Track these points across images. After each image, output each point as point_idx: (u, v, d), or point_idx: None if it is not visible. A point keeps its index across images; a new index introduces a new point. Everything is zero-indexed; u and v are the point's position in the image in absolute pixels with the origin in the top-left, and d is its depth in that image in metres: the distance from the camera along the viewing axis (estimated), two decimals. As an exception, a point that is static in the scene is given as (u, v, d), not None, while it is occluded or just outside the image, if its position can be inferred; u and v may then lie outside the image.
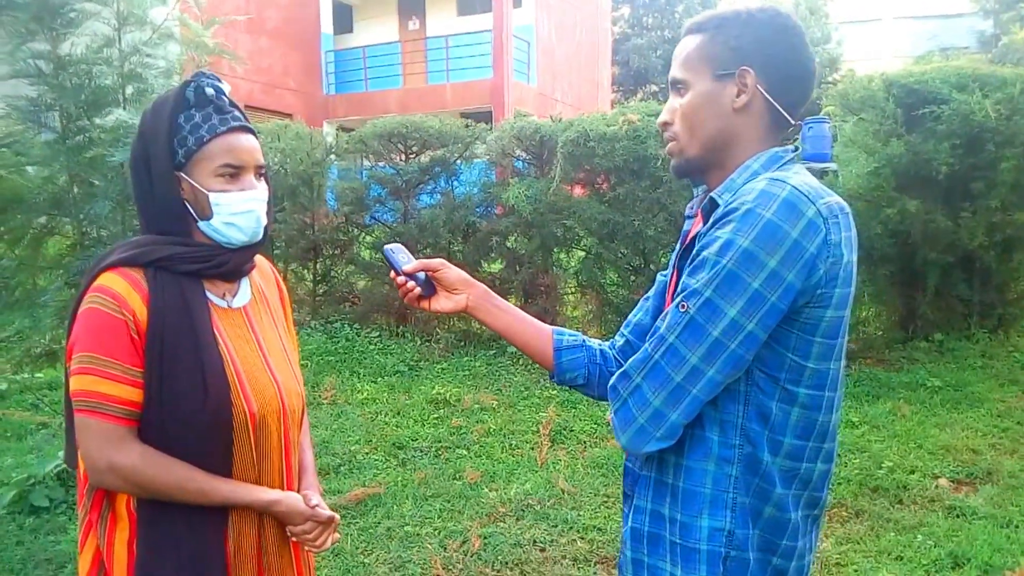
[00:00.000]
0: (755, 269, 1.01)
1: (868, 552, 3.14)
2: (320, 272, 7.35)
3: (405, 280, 1.33)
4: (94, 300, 1.24)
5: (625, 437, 1.11)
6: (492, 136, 6.69)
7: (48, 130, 3.62)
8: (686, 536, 1.11)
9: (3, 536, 3.39)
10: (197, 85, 1.31)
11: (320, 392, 5.37)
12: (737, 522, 1.09)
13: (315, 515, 1.37)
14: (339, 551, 3.20)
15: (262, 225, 1.36)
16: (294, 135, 7.05)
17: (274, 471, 1.36)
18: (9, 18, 3.30)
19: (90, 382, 1.22)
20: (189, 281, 1.31)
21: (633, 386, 1.10)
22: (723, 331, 1.03)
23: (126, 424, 1.24)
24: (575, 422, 4.67)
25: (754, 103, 1.15)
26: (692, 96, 1.17)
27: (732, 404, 1.09)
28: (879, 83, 5.61)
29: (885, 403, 4.75)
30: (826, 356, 1.08)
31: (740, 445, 1.09)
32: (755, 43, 1.14)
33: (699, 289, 1.04)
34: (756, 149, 1.16)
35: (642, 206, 5.83)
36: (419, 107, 13.62)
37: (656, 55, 26.81)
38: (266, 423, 1.34)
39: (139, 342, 1.24)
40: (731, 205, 1.06)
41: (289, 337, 1.51)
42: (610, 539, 3.26)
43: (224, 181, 1.30)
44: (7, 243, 3.57)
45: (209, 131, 1.29)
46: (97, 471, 1.24)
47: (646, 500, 1.17)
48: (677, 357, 1.06)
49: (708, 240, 1.06)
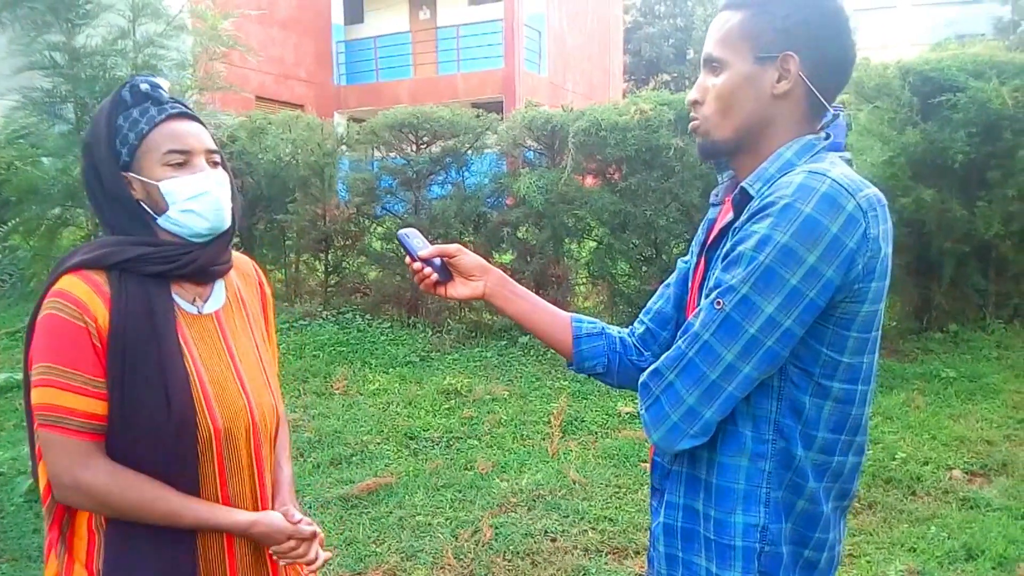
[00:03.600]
0: (794, 265, 0.99)
1: (881, 543, 3.13)
2: (331, 263, 7.36)
3: (421, 266, 1.29)
4: (53, 306, 1.17)
5: (657, 434, 1.09)
6: (503, 126, 6.67)
7: (63, 121, 3.65)
8: (720, 532, 1.10)
9: (20, 524, 3.44)
10: (132, 85, 1.26)
11: (332, 382, 5.40)
12: (771, 517, 1.08)
13: (297, 532, 1.28)
14: (351, 540, 3.22)
15: (225, 210, 1.28)
16: (305, 126, 7.06)
17: (245, 490, 1.29)
18: (26, 10, 3.32)
19: (52, 395, 1.15)
20: (156, 285, 1.23)
21: (666, 383, 1.08)
22: (760, 328, 1.01)
23: (91, 439, 1.17)
24: (586, 413, 4.68)
25: (794, 90, 1.10)
26: (728, 77, 1.12)
27: (765, 399, 1.07)
28: (894, 71, 5.55)
29: (899, 394, 4.72)
30: (860, 350, 1.07)
31: (773, 440, 1.08)
32: (801, 26, 1.08)
33: (735, 286, 1.02)
34: (789, 136, 1.12)
35: (654, 196, 5.81)
36: (430, 97, 13.60)
37: (668, 44, 26.64)
38: (233, 439, 1.26)
39: (101, 351, 1.17)
40: (768, 199, 1.03)
41: (267, 345, 1.42)
42: (621, 530, 3.26)
43: (172, 169, 1.24)
44: (22, 234, 3.61)
45: (148, 123, 1.24)
46: (62, 487, 1.18)
47: (678, 495, 1.16)
48: (712, 354, 1.04)
49: (744, 235, 1.04)
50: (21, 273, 3.57)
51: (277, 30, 15.85)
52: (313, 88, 17.14)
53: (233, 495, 1.27)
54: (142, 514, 1.18)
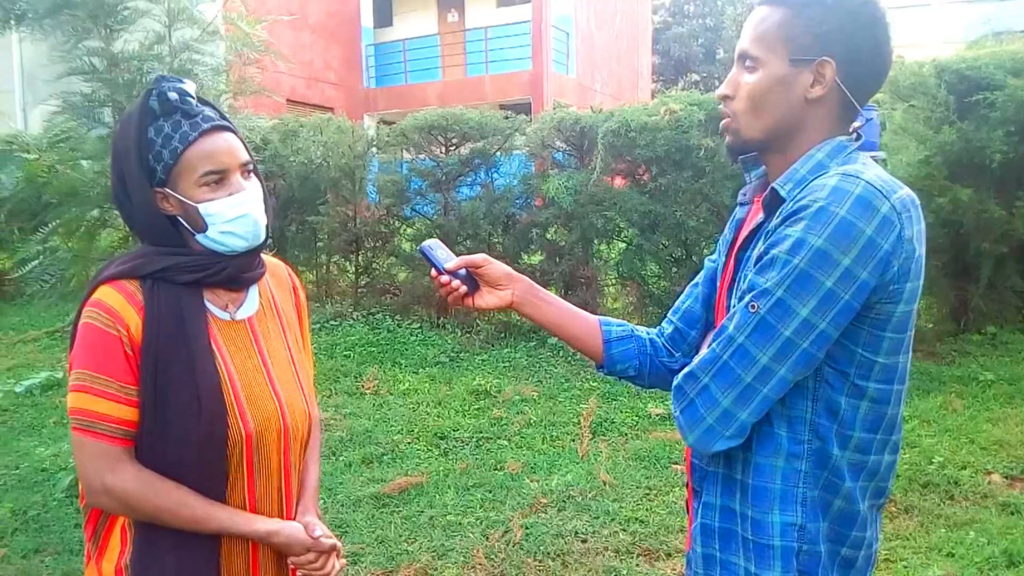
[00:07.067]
0: (829, 268, 0.99)
1: (918, 549, 3.08)
2: (362, 264, 7.43)
3: (449, 279, 1.27)
4: (89, 315, 1.21)
5: (693, 436, 1.09)
6: (532, 127, 6.68)
7: (101, 125, 3.72)
8: (758, 532, 1.10)
9: (62, 519, 3.52)
10: (160, 92, 1.24)
11: (363, 382, 5.45)
12: (808, 516, 1.08)
13: (317, 545, 1.30)
14: (383, 538, 3.25)
15: (261, 226, 1.30)
16: (336, 128, 7.13)
17: (273, 495, 1.31)
18: (67, 16, 3.39)
19: (86, 400, 1.19)
20: (188, 293, 1.26)
21: (701, 386, 1.08)
22: (795, 331, 1.01)
23: (121, 444, 1.20)
24: (616, 414, 4.66)
25: (829, 94, 1.10)
26: (762, 77, 1.11)
27: (800, 400, 1.08)
28: (930, 69, 5.45)
29: (936, 397, 4.64)
30: (895, 350, 1.07)
31: (809, 440, 1.08)
32: (839, 32, 1.08)
33: (769, 289, 1.02)
34: (820, 138, 1.12)
35: (684, 197, 5.77)
36: (458, 99, 13.66)
37: (697, 44, 26.46)
38: (264, 443, 1.28)
39: (134, 358, 1.20)
40: (801, 202, 1.03)
41: (301, 349, 1.43)
42: (652, 531, 3.25)
43: (210, 189, 1.24)
44: (62, 235, 3.69)
45: (181, 140, 1.23)
46: (92, 491, 1.21)
47: (715, 496, 1.16)
48: (747, 357, 1.04)
49: (777, 238, 1.04)
50: (61, 274, 3.64)
51: (308, 34, 16.03)
52: (343, 91, 17.31)
53: (260, 499, 1.29)
54: (167, 519, 1.21)
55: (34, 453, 4.36)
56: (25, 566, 3.11)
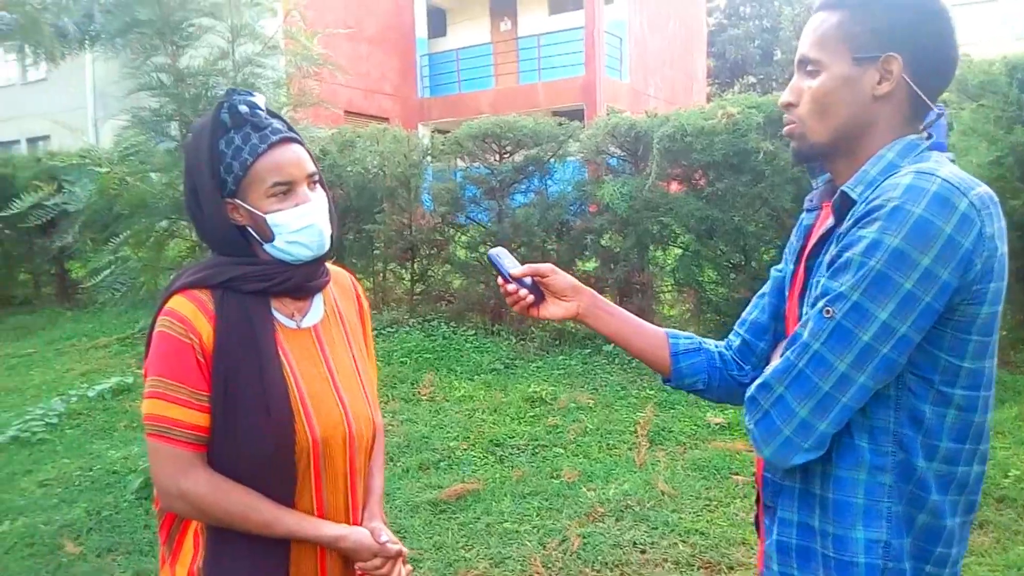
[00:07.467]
0: (907, 269, 0.96)
1: (995, 566, 2.94)
2: (417, 271, 7.51)
3: (516, 287, 1.28)
4: (163, 323, 1.24)
5: (769, 450, 1.06)
6: (586, 133, 6.65)
7: (168, 139, 3.85)
8: (841, 549, 1.06)
9: (132, 520, 3.63)
10: (230, 105, 1.27)
11: (419, 389, 5.49)
12: (893, 532, 1.04)
13: (384, 551, 1.30)
14: (441, 544, 3.26)
15: (326, 236, 1.32)
16: (392, 138, 7.23)
17: (339, 500, 1.32)
18: (136, 35, 3.53)
19: (160, 407, 1.22)
20: (256, 301, 1.29)
21: (775, 397, 1.05)
22: (874, 335, 0.98)
23: (193, 449, 1.23)
24: (674, 423, 4.59)
25: (896, 91, 1.07)
26: (826, 79, 1.09)
27: (882, 409, 1.03)
28: (1000, 67, 5.24)
29: (1011, 408, 4.44)
30: (981, 354, 1.02)
31: (893, 452, 1.04)
32: (902, 27, 1.06)
33: (845, 292, 0.99)
34: (890, 138, 1.09)
35: (742, 201, 5.66)
36: (511, 107, 13.70)
37: (754, 45, 26.06)
38: (330, 449, 1.30)
39: (205, 365, 1.23)
40: (874, 202, 1.00)
41: (364, 357, 1.45)
42: (713, 544, 3.18)
43: (277, 200, 1.27)
44: (133, 245, 3.82)
45: (251, 153, 1.26)
46: (167, 495, 1.24)
47: (792, 512, 1.12)
48: (824, 365, 1.01)
49: (851, 240, 1.01)
50: (131, 282, 3.77)
51: (365, 46, 16.31)
52: (398, 101, 17.56)
53: (327, 505, 1.31)
54: (237, 522, 1.23)
55: (106, 455, 4.52)
56: (99, 564, 3.22)
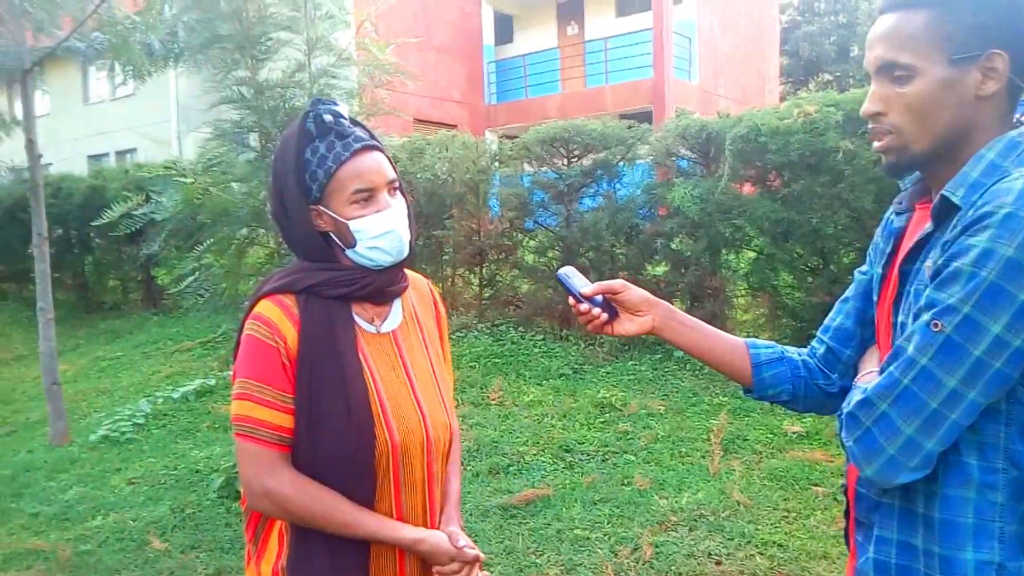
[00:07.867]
0: (1022, 279, 0.91)
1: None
2: (486, 276, 7.55)
3: (589, 307, 1.26)
4: (251, 327, 1.28)
5: (872, 468, 1.02)
6: (656, 136, 6.57)
7: (249, 150, 3.99)
8: (947, 571, 1.01)
9: (214, 518, 3.76)
10: (316, 114, 1.30)
11: (488, 393, 5.51)
12: (1007, 553, 0.98)
13: (461, 555, 1.31)
14: (511, 549, 3.26)
15: (405, 242, 1.34)
16: (460, 145, 7.30)
17: (417, 504, 1.34)
18: (217, 50, 3.66)
19: (248, 408, 1.26)
20: (338, 306, 1.31)
21: (878, 414, 1.00)
22: (986, 350, 0.93)
23: (278, 450, 1.26)
24: (749, 431, 4.48)
25: (1000, 89, 1.02)
26: (923, 84, 1.03)
27: (992, 424, 0.98)
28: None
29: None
30: None
31: (1004, 469, 0.98)
32: (1001, 19, 1.00)
33: (954, 305, 0.94)
34: (990, 136, 1.03)
35: (820, 203, 5.48)
36: (578, 111, 13.66)
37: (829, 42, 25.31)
38: (409, 454, 1.32)
39: (290, 368, 1.26)
40: (983, 208, 0.95)
41: (441, 362, 1.47)
42: (792, 556, 3.08)
43: (359, 207, 1.30)
44: (215, 252, 3.96)
45: (335, 160, 1.29)
46: (253, 494, 1.27)
47: (891, 530, 1.07)
48: (932, 381, 0.96)
49: (959, 248, 0.96)
50: (213, 288, 3.92)
51: (433, 55, 16.55)
52: (466, 108, 17.73)
53: (406, 508, 1.32)
54: (319, 522, 1.25)
55: (189, 455, 4.70)
56: (183, 561, 3.35)
